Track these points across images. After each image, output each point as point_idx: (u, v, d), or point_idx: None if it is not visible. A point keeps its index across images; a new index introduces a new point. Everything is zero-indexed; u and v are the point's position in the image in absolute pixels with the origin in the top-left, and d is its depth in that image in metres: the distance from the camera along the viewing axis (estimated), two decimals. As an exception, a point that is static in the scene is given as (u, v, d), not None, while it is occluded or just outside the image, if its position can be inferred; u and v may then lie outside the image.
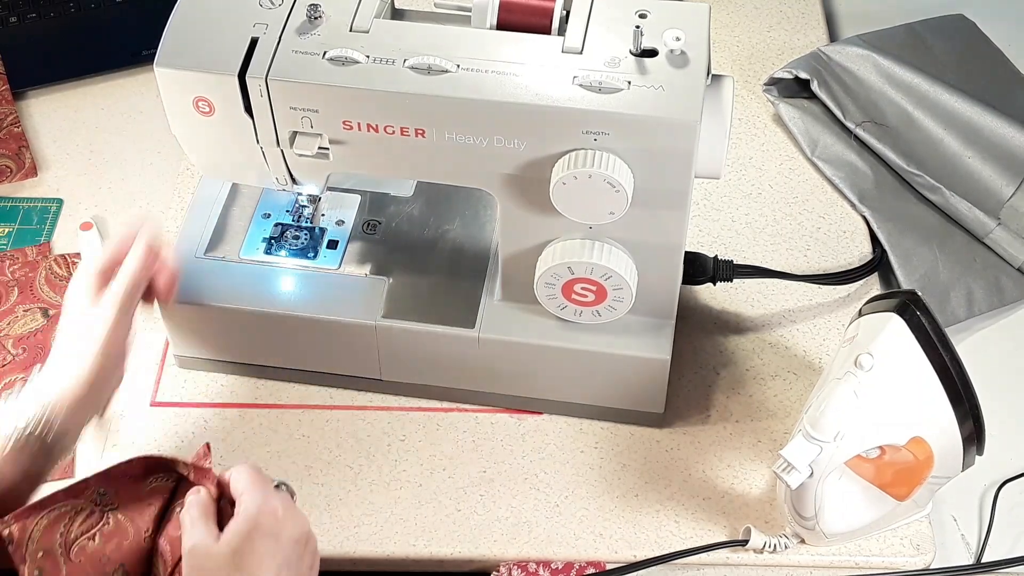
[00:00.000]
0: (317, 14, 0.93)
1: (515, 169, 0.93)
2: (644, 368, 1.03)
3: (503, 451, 1.06)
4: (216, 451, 1.06)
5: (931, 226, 1.20)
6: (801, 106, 1.29)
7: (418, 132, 0.92)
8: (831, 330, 1.14)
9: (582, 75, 0.90)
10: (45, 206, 1.24)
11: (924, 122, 1.25)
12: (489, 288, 1.05)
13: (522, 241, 0.99)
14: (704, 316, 1.15)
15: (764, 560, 1.00)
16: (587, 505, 1.03)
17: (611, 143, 0.89)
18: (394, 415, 1.09)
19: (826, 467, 0.91)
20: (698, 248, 1.12)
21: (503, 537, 1.01)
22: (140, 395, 1.10)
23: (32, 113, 1.32)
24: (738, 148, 1.28)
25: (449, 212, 1.10)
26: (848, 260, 1.18)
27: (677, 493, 1.04)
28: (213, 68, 0.91)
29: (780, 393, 1.10)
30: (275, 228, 1.08)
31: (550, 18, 0.94)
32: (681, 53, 0.91)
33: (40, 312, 1.15)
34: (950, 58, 1.33)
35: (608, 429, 1.08)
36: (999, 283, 1.18)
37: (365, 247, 1.08)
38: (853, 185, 1.23)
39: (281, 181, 1.00)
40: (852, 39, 1.31)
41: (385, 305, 1.04)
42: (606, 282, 0.97)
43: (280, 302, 1.04)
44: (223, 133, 0.95)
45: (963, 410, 0.91)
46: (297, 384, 1.10)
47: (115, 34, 1.37)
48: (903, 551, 1.01)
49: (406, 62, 0.91)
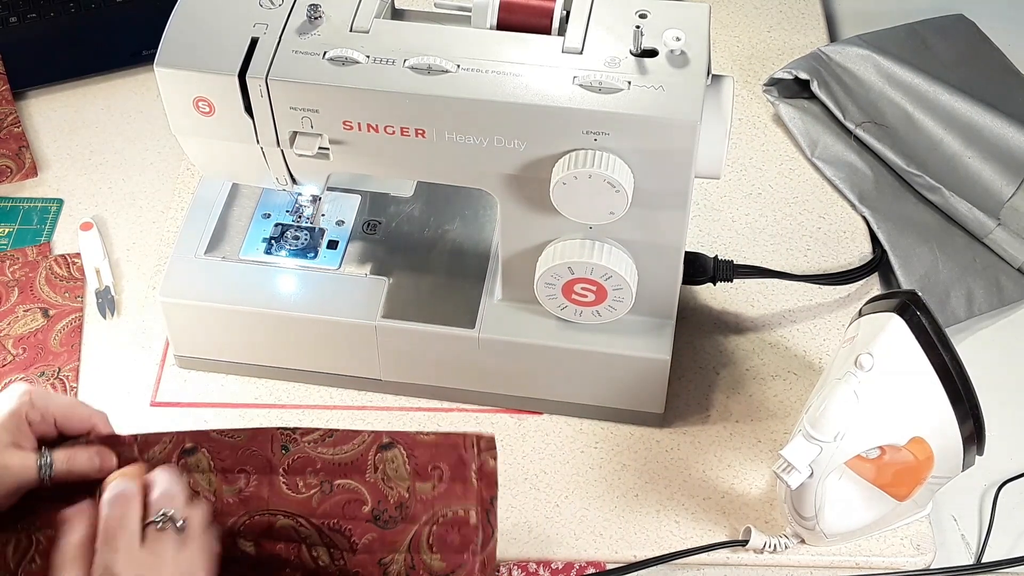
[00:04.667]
0: (317, 14, 0.93)
1: (515, 169, 0.93)
2: (644, 368, 1.03)
3: (503, 451, 1.06)
4: (216, 451, 1.06)
5: (931, 226, 1.20)
6: (801, 106, 1.29)
7: (418, 132, 0.92)
8: (831, 330, 1.14)
9: (582, 75, 0.90)
10: (45, 206, 1.24)
11: (924, 122, 1.25)
12: (489, 288, 1.05)
13: (522, 241, 0.99)
14: (704, 316, 1.15)
15: (764, 560, 1.00)
16: (587, 505, 1.03)
17: (611, 143, 0.89)
18: (394, 415, 1.09)
19: (826, 467, 0.91)
20: (698, 248, 1.12)
21: (503, 537, 1.01)
22: (140, 395, 1.10)
23: (32, 113, 1.32)
24: (738, 148, 1.28)
25: (449, 212, 1.10)
26: (848, 260, 1.18)
27: (677, 493, 1.04)
28: (213, 68, 0.91)
29: (780, 393, 1.10)
30: (275, 228, 1.08)
31: (550, 18, 0.94)
32: (681, 53, 0.91)
33: (40, 312, 1.15)
34: (950, 58, 1.33)
35: (608, 429, 1.08)
36: (999, 283, 1.18)
37: (365, 247, 1.08)
38: (853, 185, 1.23)
39: (281, 181, 1.00)
40: (852, 39, 1.31)
41: (385, 305, 1.04)
42: (606, 282, 0.97)
43: (280, 302, 1.04)
44: (223, 133, 0.95)
45: (963, 410, 0.91)
46: (297, 384, 1.10)
47: (115, 34, 1.37)
48: (903, 551, 1.01)
49: (406, 62, 0.91)
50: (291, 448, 0.81)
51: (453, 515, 0.80)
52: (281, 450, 0.81)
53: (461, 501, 0.80)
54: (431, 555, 0.80)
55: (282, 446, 0.81)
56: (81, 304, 1.16)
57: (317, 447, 0.81)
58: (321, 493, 0.80)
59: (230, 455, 0.81)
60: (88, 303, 1.16)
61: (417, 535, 0.80)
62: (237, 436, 0.81)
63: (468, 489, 0.80)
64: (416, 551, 0.80)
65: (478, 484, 0.81)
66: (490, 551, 0.82)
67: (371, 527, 0.80)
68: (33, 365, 1.11)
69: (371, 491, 0.80)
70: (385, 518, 0.80)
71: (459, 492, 0.80)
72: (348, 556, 0.80)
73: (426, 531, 0.80)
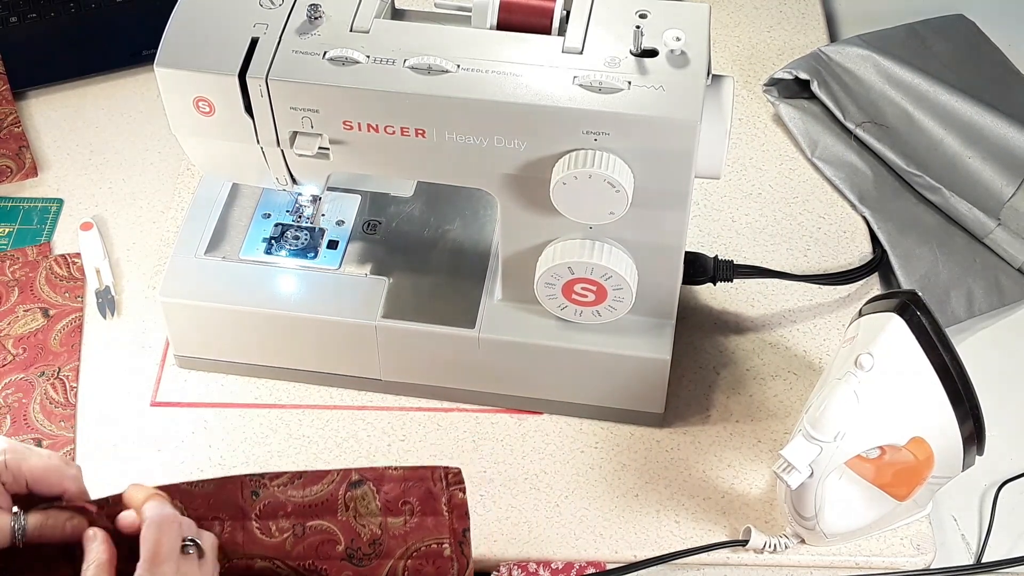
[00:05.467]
0: (317, 14, 0.93)
1: (515, 169, 0.93)
2: (644, 368, 1.03)
3: (503, 451, 1.06)
4: (216, 451, 1.06)
5: (931, 226, 1.20)
6: (801, 106, 1.29)
7: (418, 132, 0.92)
8: (831, 330, 1.14)
9: (582, 75, 0.90)
10: (45, 206, 1.24)
11: (924, 122, 1.25)
12: (489, 288, 1.05)
13: (522, 241, 0.99)
14: (704, 316, 1.15)
15: (764, 560, 1.00)
16: (587, 505, 1.03)
17: (611, 143, 0.89)
18: (394, 415, 1.09)
19: (826, 467, 0.91)
20: (698, 248, 1.12)
21: (503, 537, 1.01)
22: (140, 395, 1.10)
23: (32, 113, 1.32)
24: (738, 148, 1.28)
25: (449, 212, 1.10)
26: (848, 260, 1.18)
27: (677, 493, 1.04)
28: (213, 68, 0.91)
29: (780, 393, 1.10)
30: (275, 228, 1.08)
31: (550, 18, 0.94)
32: (681, 53, 0.91)
33: (40, 312, 1.15)
34: (950, 58, 1.33)
35: (608, 429, 1.08)
36: (999, 283, 1.18)
37: (365, 247, 1.08)
38: (853, 185, 1.23)
39: (281, 181, 1.00)
40: (852, 39, 1.31)
41: (385, 305, 1.04)
42: (606, 282, 0.97)
43: (280, 302, 1.04)
44: (223, 133, 0.95)
45: (963, 410, 0.91)
46: (297, 384, 1.10)
47: (115, 34, 1.37)
48: (903, 551, 1.01)
49: (406, 62, 0.91)
50: (261, 493, 0.81)
51: (427, 548, 0.81)
52: (251, 496, 0.81)
53: (433, 534, 0.81)
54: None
55: (252, 492, 0.81)
56: (81, 304, 1.16)
57: (287, 490, 0.81)
58: (294, 536, 0.80)
59: (202, 504, 0.81)
60: (88, 303, 1.16)
61: (392, 569, 0.81)
62: (206, 486, 0.81)
63: (440, 522, 0.81)
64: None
65: (449, 516, 0.81)
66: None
67: (346, 565, 0.81)
68: (33, 365, 1.11)
69: (343, 530, 0.80)
70: (359, 556, 0.81)
71: (431, 525, 0.81)
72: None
73: (401, 565, 0.81)
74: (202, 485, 0.81)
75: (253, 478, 0.81)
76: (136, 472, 1.04)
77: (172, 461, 1.05)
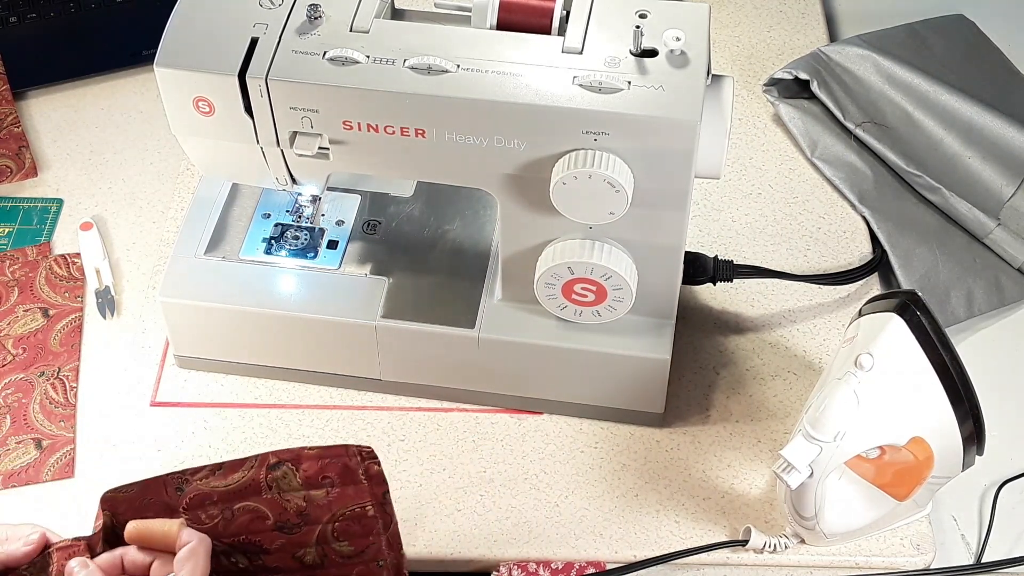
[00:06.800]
0: (317, 14, 0.93)
1: (515, 169, 0.93)
2: (644, 368, 1.03)
3: (503, 451, 1.06)
4: (216, 451, 1.06)
5: (931, 226, 1.20)
6: (801, 106, 1.29)
7: (418, 132, 0.92)
8: (831, 330, 1.14)
9: (582, 75, 0.90)
10: (45, 206, 1.24)
11: (924, 122, 1.25)
12: (489, 288, 1.05)
13: (522, 241, 0.99)
14: (704, 316, 1.15)
15: (764, 560, 1.00)
16: (587, 505, 1.03)
17: (611, 143, 0.89)
18: (394, 415, 1.09)
19: (826, 467, 0.91)
20: (698, 248, 1.12)
21: (503, 537, 1.01)
22: (140, 395, 1.10)
23: (32, 113, 1.32)
24: (738, 148, 1.28)
25: (449, 212, 1.10)
26: (848, 260, 1.18)
27: (677, 493, 1.04)
28: (213, 68, 0.91)
29: (780, 393, 1.10)
30: (275, 228, 1.08)
31: (550, 18, 0.94)
32: (681, 53, 0.91)
33: (40, 312, 1.15)
34: (950, 58, 1.33)
35: (608, 429, 1.08)
36: (999, 283, 1.18)
37: (365, 247, 1.08)
38: (853, 185, 1.23)
39: (281, 181, 1.00)
40: (852, 39, 1.31)
41: (385, 305, 1.04)
42: (606, 282, 0.97)
43: (280, 302, 1.04)
44: (223, 133, 0.95)
45: (963, 410, 0.91)
46: (297, 384, 1.10)
47: (115, 34, 1.37)
48: (903, 551, 1.01)
49: (406, 62, 0.91)
50: (185, 488, 0.82)
51: (351, 512, 0.83)
52: (176, 492, 0.82)
53: (355, 500, 0.83)
54: (339, 543, 0.84)
55: (176, 488, 0.82)
56: (81, 304, 1.16)
57: (210, 481, 0.82)
58: (224, 519, 0.82)
59: (128, 507, 0.82)
60: (88, 303, 1.16)
61: (323, 532, 0.84)
62: (129, 489, 0.82)
63: (360, 489, 0.83)
64: (324, 543, 0.84)
65: (369, 483, 0.83)
66: (393, 530, 0.85)
67: (278, 535, 0.83)
68: (33, 365, 1.11)
69: (270, 507, 0.83)
70: (289, 526, 0.83)
71: (352, 493, 0.83)
72: (264, 556, 0.83)
73: (330, 528, 0.83)
74: (126, 489, 0.82)
75: (174, 475, 0.83)
76: (136, 472, 1.04)
77: (172, 461, 1.05)
